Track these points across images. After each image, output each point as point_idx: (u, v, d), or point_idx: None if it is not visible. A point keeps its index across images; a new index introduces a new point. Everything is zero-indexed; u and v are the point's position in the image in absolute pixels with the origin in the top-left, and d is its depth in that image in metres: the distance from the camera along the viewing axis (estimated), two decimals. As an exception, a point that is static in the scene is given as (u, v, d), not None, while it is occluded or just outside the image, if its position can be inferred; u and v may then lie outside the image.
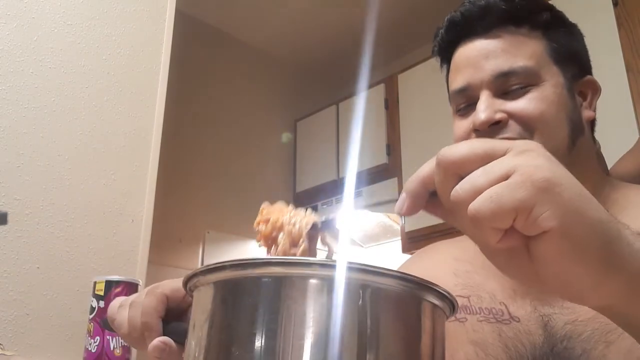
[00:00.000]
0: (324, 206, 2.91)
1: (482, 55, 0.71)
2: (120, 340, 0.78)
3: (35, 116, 1.24)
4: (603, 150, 0.90)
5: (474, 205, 0.34)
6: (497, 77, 0.69)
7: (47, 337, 1.15)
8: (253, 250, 2.77)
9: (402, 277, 0.39)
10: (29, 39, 1.26)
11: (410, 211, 0.40)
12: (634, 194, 0.70)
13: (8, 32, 1.23)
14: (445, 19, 0.77)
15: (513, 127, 0.68)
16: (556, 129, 0.68)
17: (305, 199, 3.03)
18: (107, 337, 0.77)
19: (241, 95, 2.92)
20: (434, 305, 0.41)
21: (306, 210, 0.57)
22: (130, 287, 0.81)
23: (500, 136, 0.67)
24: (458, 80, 0.73)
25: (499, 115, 0.68)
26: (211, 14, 2.86)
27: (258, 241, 0.57)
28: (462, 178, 0.36)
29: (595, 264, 0.35)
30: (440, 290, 0.41)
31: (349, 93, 2.98)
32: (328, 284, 0.38)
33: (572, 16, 0.80)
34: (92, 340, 0.78)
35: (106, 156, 1.33)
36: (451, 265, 0.76)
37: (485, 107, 0.68)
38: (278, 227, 0.55)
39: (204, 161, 2.72)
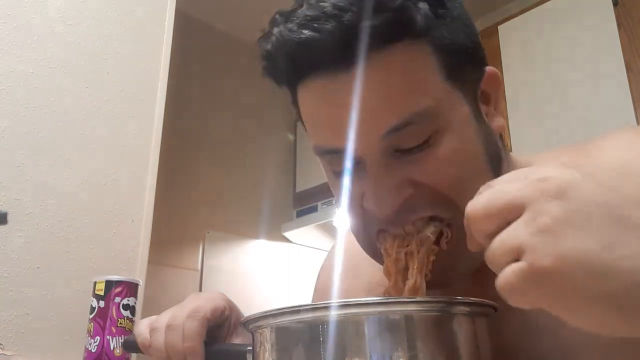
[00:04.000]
0: (324, 206, 2.91)
1: (353, 107, 0.48)
2: (121, 340, 0.78)
3: (35, 116, 1.24)
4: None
5: (498, 282, 0.35)
6: (385, 136, 0.49)
7: (47, 337, 1.15)
8: (253, 250, 2.77)
9: (436, 300, 0.43)
10: (29, 39, 1.26)
11: (473, 246, 0.41)
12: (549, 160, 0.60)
13: (8, 32, 1.23)
14: (275, 41, 0.51)
15: (422, 202, 0.51)
16: (477, 184, 0.48)
17: (305, 199, 3.03)
18: (107, 337, 0.77)
19: (241, 95, 2.92)
20: (473, 314, 0.43)
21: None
22: (130, 287, 0.81)
23: (411, 219, 0.51)
24: (323, 139, 0.53)
25: (404, 195, 0.50)
26: (211, 14, 2.86)
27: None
28: (488, 235, 0.37)
29: (628, 318, 0.33)
30: (472, 300, 0.43)
31: (349, 93, 2.98)
32: (374, 321, 0.40)
33: (572, 16, 0.78)
34: (92, 340, 0.77)
35: (106, 156, 1.33)
36: (366, 276, 0.68)
37: (382, 190, 0.50)
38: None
39: (204, 161, 2.71)
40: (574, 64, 2.07)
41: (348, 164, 0.52)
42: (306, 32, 0.48)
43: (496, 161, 0.55)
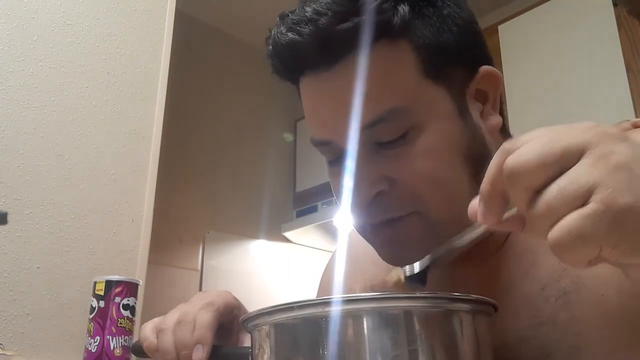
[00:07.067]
0: (324, 206, 2.91)
1: (336, 105, 0.52)
2: (121, 340, 0.78)
3: (35, 116, 1.24)
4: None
5: (553, 235, 0.32)
6: (363, 130, 0.52)
7: (47, 337, 1.15)
8: (253, 250, 2.77)
9: (435, 296, 0.42)
10: (29, 39, 1.26)
11: (489, 219, 0.37)
12: None
13: (8, 32, 1.24)
14: (271, 42, 0.56)
15: (398, 196, 0.52)
16: (452, 186, 0.52)
17: (305, 199, 3.03)
18: (107, 337, 0.77)
19: (241, 95, 2.92)
20: (474, 312, 0.43)
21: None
22: (130, 287, 0.81)
23: (385, 212, 0.53)
24: (313, 131, 0.57)
25: (377, 189, 0.52)
26: (211, 14, 2.86)
27: None
28: (536, 189, 0.33)
29: None
30: (473, 298, 0.42)
31: (349, 93, 2.98)
32: (373, 317, 0.40)
33: (572, 16, 0.77)
34: (92, 340, 0.77)
35: (106, 156, 1.33)
36: (369, 274, 0.68)
37: (359, 182, 0.52)
38: None
39: (204, 161, 2.71)
40: (574, 63, 2.07)
41: (333, 155, 0.56)
42: (290, 34, 0.52)
43: (477, 160, 0.53)
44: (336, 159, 0.56)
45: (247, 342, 0.60)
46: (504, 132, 0.60)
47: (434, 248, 0.48)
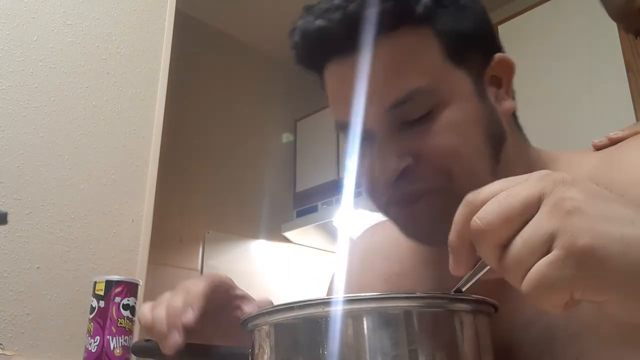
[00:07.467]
0: (324, 206, 2.91)
1: (362, 85, 0.56)
2: (121, 340, 0.78)
3: (35, 116, 1.24)
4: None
5: (525, 286, 0.33)
6: (389, 110, 0.55)
7: (47, 337, 1.15)
8: (253, 250, 2.77)
9: (435, 296, 0.42)
10: (29, 39, 1.26)
11: (459, 270, 0.38)
12: (577, 164, 0.63)
13: (8, 32, 1.24)
14: (298, 31, 0.59)
15: (423, 172, 0.55)
16: (475, 161, 0.55)
17: (305, 199, 3.03)
18: (107, 337, 0.77)
19: (241, 95, 2.92)
20: (474, 312, 0.43)
21: None
22: (130, 287, 0.81)
23: (410, 186, 0.55)
24: (339, 114, 0.59)
25: (404, 163, 0.55)
26: (211, 14, 2.86)
27: None
28: (503, 245, 0.35)
29: None
30: (473, 298, 0.42)
31: (349, 93, 2.97)
32: (373, 317, 0.40)
33: (572, 16, 0.78)
34: (92, 340, 0.78)
35: (106, 156, 1.33)
36: (381, 268, 0.70)
37: (387, 156, 0.55)
38: None
39: (204, 161, 2.71)
40: (574, 64, 2.06)
41: (357, 137, 0.59)
42: (319, 22, 0.56)
43: (497, 140, 0.58)
44: (361, 141, 0.59)
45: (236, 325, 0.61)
46: (515, 117, 0.64)
47: None
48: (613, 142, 0.62)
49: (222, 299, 0.61)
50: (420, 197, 0.56)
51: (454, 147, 0.55)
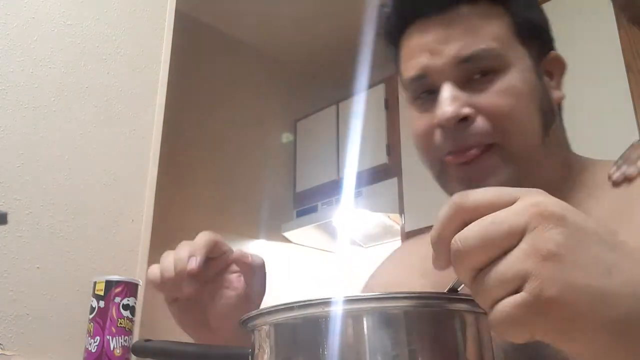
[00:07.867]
0: (324, 206, 2.91)
1: (440, 39, 0.63)
2: (121, 340, 0.78)
3: (35, 116, 1.24)
4: (603, 150, 0.90)
5: (490, 317, 0.34)
6: (459, 64, 0.62)
7: (47, 337, 1.15)
8: (253, 250, 2.78)
9: (435, 296, 0.42)
10: (29, 39, 1.26)
11: (439, 265, 0.39)
12: (599, 174, 0.67)
13: (8, 32, 1.24)
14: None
15: (481, 125, 0.61)
16: (528, 123, 0.62)
17: (305, 199, 3.03)
18: (107, 337, 0.77)
19: (241, 95, 2.92)
20: (474, 312, 0.43)
21: None
22: (130, 287, 0.81)
23: (468, 134, 0.61)
24: (414, 66, 0.65)
25: (466, 110, 0.60)
26: (211, 14, 2.86)
27: None
28: (478, 269, 0.35)
29: (623, 346, 0.34)
30: (473, 298, 0.42)
31: (349, 93, 2.98)
32: (373, 317, 0.40)
33: (572, 16, 0.79)
34: (92, 340, 0.77)
35: (106, 156, 1.33)
36: (418, 266, 0.72)
37: (451, 101, 0.61)
38: None
39: (204, 161, 2.72)
40: (574, 63, 2.05)
41: (425, 88, 0.65)
42: None
43: (548, 117, 0.64)
44: (425, 95, 0.65)
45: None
46: (560, 112, 0.70)
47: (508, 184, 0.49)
48: (629, 180, 0.65)
49: (220, 263, 0.68)
50: (477, 154, 0.61)
51: (511, 108, 0.61)
